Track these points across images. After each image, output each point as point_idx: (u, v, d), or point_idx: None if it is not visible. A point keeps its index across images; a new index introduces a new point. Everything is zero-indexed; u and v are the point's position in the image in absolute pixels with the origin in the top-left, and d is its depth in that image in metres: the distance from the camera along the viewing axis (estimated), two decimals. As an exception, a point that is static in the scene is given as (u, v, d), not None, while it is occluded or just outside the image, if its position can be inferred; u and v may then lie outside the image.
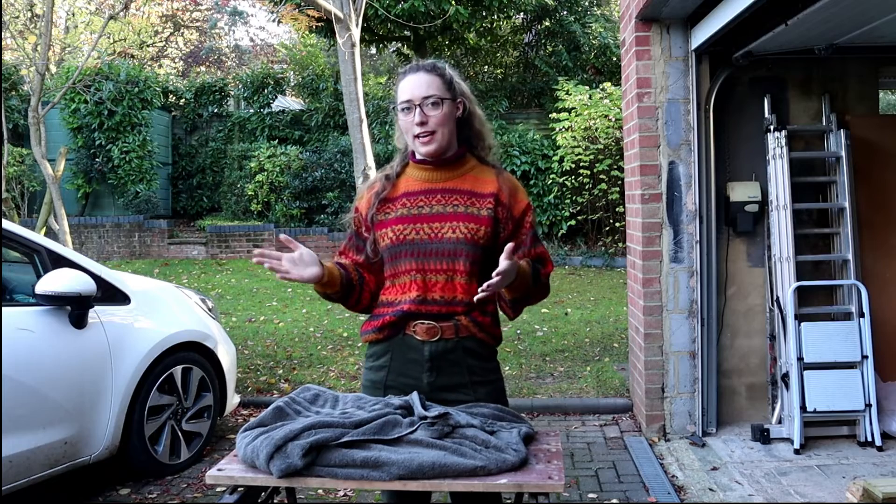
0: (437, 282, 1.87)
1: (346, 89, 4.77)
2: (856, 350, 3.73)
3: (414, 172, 1.97)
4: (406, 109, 1.88)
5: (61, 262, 3.28)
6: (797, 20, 3.05)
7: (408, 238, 1.89)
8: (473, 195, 1.91)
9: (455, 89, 1.92)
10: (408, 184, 1.96)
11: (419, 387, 1.89)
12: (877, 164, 4.02)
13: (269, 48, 19.84)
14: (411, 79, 1.89)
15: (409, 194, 1.94)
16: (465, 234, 1.86)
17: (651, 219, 3.97)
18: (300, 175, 11.24)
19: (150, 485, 3.52)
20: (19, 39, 9.78)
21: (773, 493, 3.22)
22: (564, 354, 5.75)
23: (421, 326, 1.88)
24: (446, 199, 1.91)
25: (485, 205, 1.90)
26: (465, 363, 1.90)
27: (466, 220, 1.87)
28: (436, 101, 1.87)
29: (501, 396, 1.98)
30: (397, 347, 1.92)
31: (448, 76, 1.92)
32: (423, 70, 1.90)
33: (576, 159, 10.04)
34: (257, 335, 6.56)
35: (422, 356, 1.89)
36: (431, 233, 1.88)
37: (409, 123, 1.88)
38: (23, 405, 2.94)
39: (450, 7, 10.79)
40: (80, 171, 11.65)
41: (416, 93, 1.87)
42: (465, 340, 1.90)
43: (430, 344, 1.88)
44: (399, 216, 1.91)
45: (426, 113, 1.86)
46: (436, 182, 1.93)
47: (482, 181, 1.94)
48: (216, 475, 1.69)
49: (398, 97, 1.91)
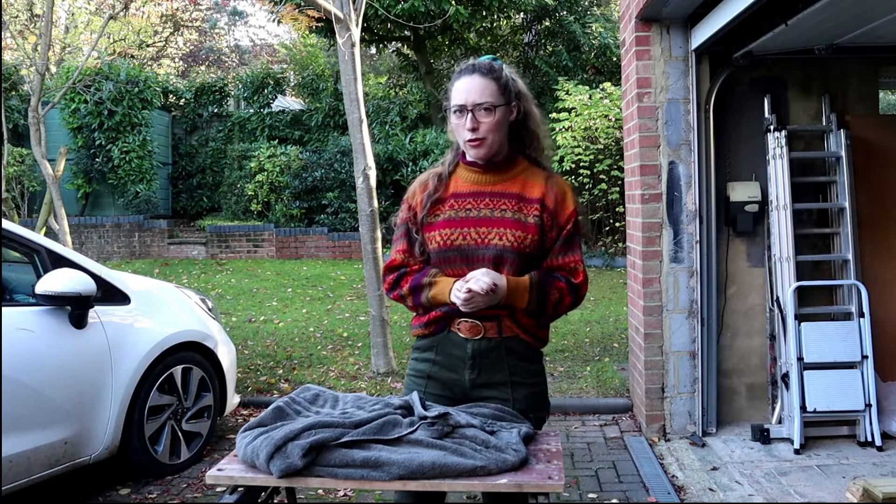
0: None
1: (346, 89, 4.77)
2: (856, 350, 3.73)
3: (463, 173, 1.95)
4: (458, 113, 1.86)
5: (61, 262, 3.27)
6: (797, 20, 3.05)
7: (455, 244, 1.88)
8: (521, 200, 1.90)
9: (510, 92, 1.89)
10: (457, 184, 1.95)
11: (460, 382, 1.91)
12: (877, 164, 4.02)
13: (269, 48, 19.85)
14: (466, 81, 1.86)
15: (458, 196, 1.92)
16: (512, 243, 1.85)
17: (651, 219, 3.97)
18: (300, 175, 11.24)
19: (150, 485, 3.52)
20: (19, 39, 9.77)
21: (773, 493, 3.22)
22: (564, 354, 5.75)
23: (465, 324, 1.89)
24: (494, 202, 1.89)
25: (532, 211, 1.88)
26: (506, 362, 1.90)
27: (514, 227, 1.86)
28: (488, 108, 1.84)
29: (541, 401, 1.96)
30: (442, 343, 1.93)
31: (504, 79, 1.89)
32: (479, 73, 1.87)
33: (576, 159, 10.03)
34: (257, 335, 6.56)
35: (465, 353, 1.90)
36: (479, 238, 1.87)
37: (461, 127, 1.86)
38: (23, 405, 2.94)
39: (450, 7, 10.79)
40: (80, 171, 11.66)
41: (470, 98, 1.84)
42: (509, 340, 1.90)
43: (473, 342, 1.90)
44: (447, 219, 1.90)
45: (478, 119, 1.84)
46: (484, 185, 1.92)
47: (531, 185, 1.92)
48: (216, 475, 1.69)
49: (452, 98, 1.89)
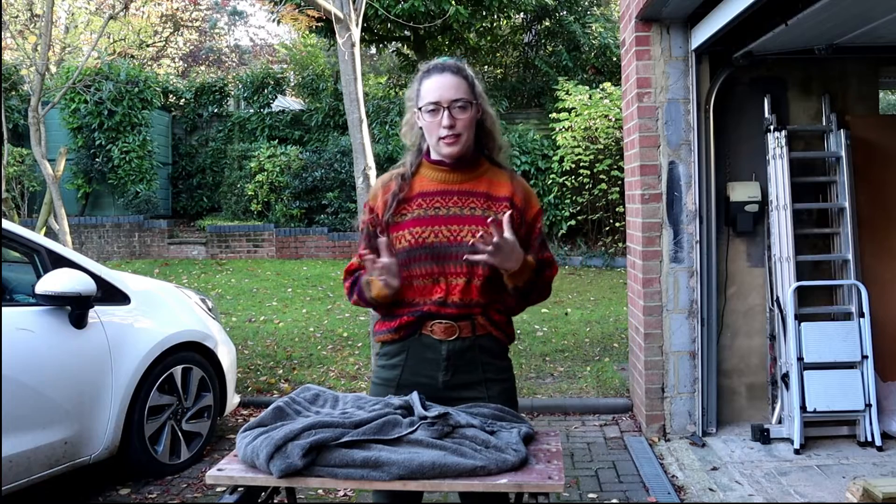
0: (456, 285, 1.87)
1: (346, 89, 4.76)
2: (856, 350, 3.73)
3: (429, 172, 1.95)
4: (433, 111, 1.86)
5: (61, 262, 3.27)
6: (797, 20, 3.05)
7: (426, 241, 1.87)
8: (490, 198, 1.91)
9: (476, 91, 1.91)
10: (423, 184, 1.94)
11: (434, 385, 1.90)
12: (877, 164, 4.02)
13: (269, 48, 19.84)
14: (438, 80, 1.87)
15: (425, 195, 1.92)
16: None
17: (651, 219, 3.97)
18: (300, 175, 11.24)
19: (150, 485, 3.52)
20: (19, 39, 9.76)
21: (773, 493, 3.22)
22: (564, 354, 5.75)
23: (439, 326, 1.89)
24: (463, 201, 1.90)
25: (501, 209, 1.89)
26: (480, 361, 1.91)
27: (485, 225, 1.85)
28: (464, 105, 1.86)
29: (512, 396, 1.99)
30: (413, 347, 1.92)
31: (471, 78, 1.91)
32: (450, 71, 1.88)
33: (576, 159, 10.03)
34: (257, 335, 6.56)
35: (439, 355, 1.89)
36: (451, 235, 1.87)
37: (435, 125, 1.86)
38: (23, 405, 2.94)
39: (450, 7, 10.79)
40: (80, 171, 11.65)
41: (446, 95, 1.85)
42: (482, 339, 1.91)
43: (447, 343, 1.89)
44: (416, 217, 1.90)
45: (455, 116, 1.85)
46: (452, 183, 1.92)
47: (497, 184, 1.93)
48: (216, 475, 1.69)
49: (423, 97, 1.88)
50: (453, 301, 1.88)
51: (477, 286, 1.88)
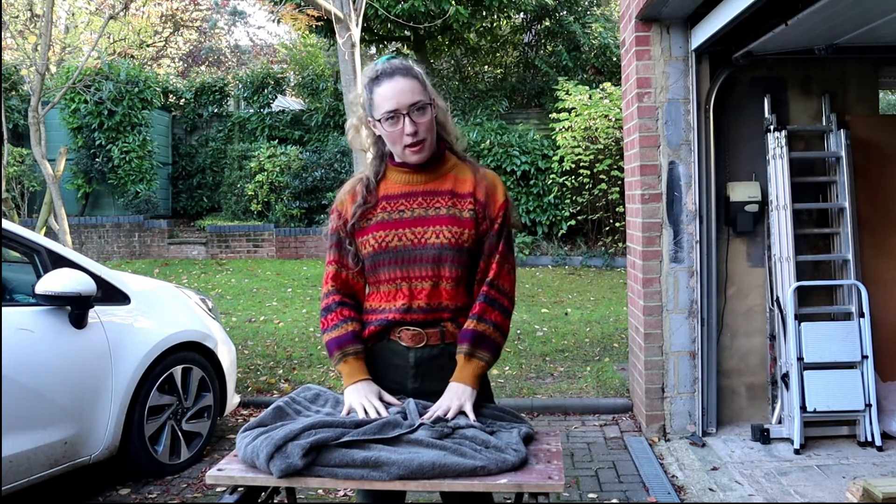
0: (422, 289, 1.83)
1: (346, 89, 4.77)
2: (856, 350, 3.73)
3: (393, 175, 1.89)
4: (392, 119, 1.77)
5: (61, 262, 3.27)
6: (797, 20, 3.05)
7: (390, 245, 1.83)
8: (455, 195, 1.85)
9: (429, 89, 1.83)
10: (387, 187, 1.88)
11: (403, 392, 1.87)
12: (876, 164, 4.02)
13: (269, 48, 19.83)
14: (391, 86, 1.77)
15: (389, 198, 1.86)
16: (450, 239, 1.81)
17: (651, 219, 3.97)
18: (300, 175, 11.24)
19: (150, 485, 3.52)
20: (19, 39, 9.78)
21: (773, 493, 3.22)
22: (564, 354, 5.75)
23: (406, 333, 1.85)
24: (428, 201, 1.85)
25: (466, 206, 1.84)
26: (450, 369, 1.84)
27: (450, 224, 1.82)
28: (422, 107, 1.78)
29: (488, 403, 1.92)
30: (380, 353, 1.89)
31: (421, 76, 1.83)
32: (400, 74, 1.79)
33: (576, 159, 10.03)
34: (257, 335, 6.56)
35: (406, 362, 1.86)
36: (415, 238, 1.82)
37: (398, 134, 1.78)
38: (23, 405, 2.94)
39: (450, 7, 10.79)
40: (80, 171, 11.65)
41: (403, 100, 1.76)
42: (452, 346, 1.85)
43: (415, 350, 1.85)
44: (379, 221, 1.85)
45: (415, 121, 1.77)
46: (416, 184, 1.86)
47: (461, 181, 1.87)
48: (216, 475, 1.69)
49: (378, 106, 1.79)
50: (419, 306, 1.83)
51: (445, 290, 1.83)
